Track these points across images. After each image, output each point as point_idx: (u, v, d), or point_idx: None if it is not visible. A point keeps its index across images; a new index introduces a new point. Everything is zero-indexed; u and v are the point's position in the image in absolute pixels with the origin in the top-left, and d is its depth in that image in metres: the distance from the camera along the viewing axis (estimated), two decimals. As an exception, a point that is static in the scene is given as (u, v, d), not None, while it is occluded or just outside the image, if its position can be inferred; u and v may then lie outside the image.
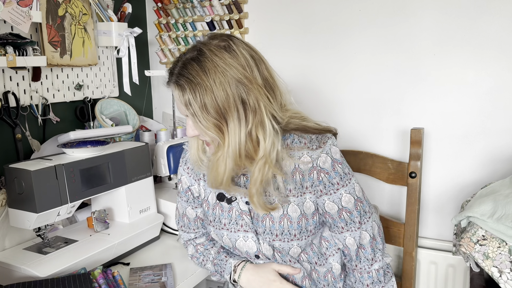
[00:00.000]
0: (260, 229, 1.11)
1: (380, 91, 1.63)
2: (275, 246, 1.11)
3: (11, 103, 1.43)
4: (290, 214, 1.08)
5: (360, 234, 1.10)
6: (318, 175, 1.05)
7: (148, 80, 2.03)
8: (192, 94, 0.94)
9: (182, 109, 0.99)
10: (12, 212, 1.26)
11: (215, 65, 0.94)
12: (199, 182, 1.20)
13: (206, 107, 0.94)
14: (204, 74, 0.93)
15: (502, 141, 1.48)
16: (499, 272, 1.07)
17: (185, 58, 0.97)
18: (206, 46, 0.96)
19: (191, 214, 1.26)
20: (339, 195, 1.06)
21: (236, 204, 1.12)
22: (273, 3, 1.75)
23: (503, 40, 1.42)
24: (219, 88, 0.93)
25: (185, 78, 0.94)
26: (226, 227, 1.14)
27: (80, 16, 1.65)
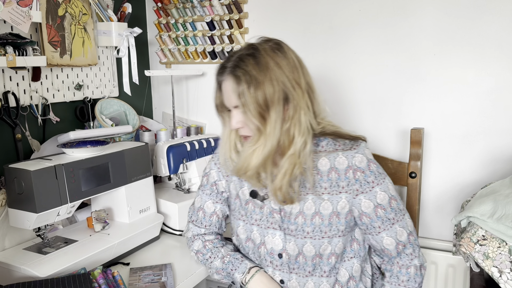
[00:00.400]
0: (292, 227, 1.13)
1: (380, 91, 1.63)
2: (305, 246, 1.12)
3: (11, 103, 1.43)
4: (322, 211, 1.11)
5: (397, 231, 1.13)
6: (354, 174, 1.11)
7: (148, 80, 2.03)
8: (247, 85, 1.02)
9: (232, 100, 1.06)
10: (12, 212, 1.26)
11: (268, 62, 1.03)
12: (228, 178, 1.24)
13: (257, 98, 1.02)
14: (259, 69, 1.03)
15: (502, 141, 1.47)
16: (499, 272, 1.07)
17: (241, 53, 1.06)
18: (261, 45, 1.07)
19: (209, 208, 1.27)
20: (374, 193, 1.11)
21: (268, 202, 1.16)
22: (273, 3, 1.75)
23: (503, 40, 1.42)
24: (269, 83, 1.02)
25: (242, 70, 1.03)
26: (257, 223, 1.18)
27: (80, 16, 1.65)
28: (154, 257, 1.42)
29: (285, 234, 1.14)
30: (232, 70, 1.05)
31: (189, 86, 2.00)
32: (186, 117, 2.03)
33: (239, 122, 1.08)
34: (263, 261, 1.19)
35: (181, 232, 1.59)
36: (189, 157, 1.71)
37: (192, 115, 2.02)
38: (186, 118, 2.03)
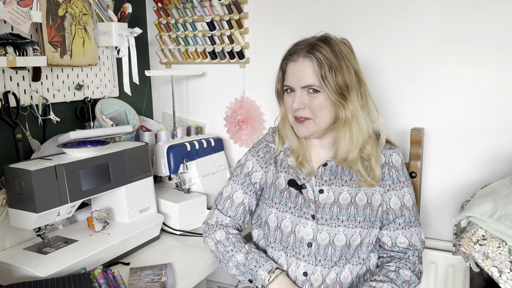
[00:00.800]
0: (327, 216, 1.17)
1: (380, 91, 1.63)
2: (337, 235, 1.16)
3: (11, 103, 1.43)
4: (358, 202, 1.18)
5: (412, 234, 1.20)
6: (389, 170, 1.21)
7: (148, 80, 2.03)
8: (328, 67, 1.10)
9: (308, 79, 1.12)
10: (12, 212, 1.26)
11: (342, 51, 1.13)
12: (266, 169, 1.28)
13: (337, 81, 1.11)
14: (335, 55, 1.11)
15: (502, 141, 1.48)
16: (499, 272, 1.07)
17: (311, 41, 1.15)
18: (330, 37, 1.16)
19: (238, 198, 1.28)
20: (403, 193, 1.21)
21: (305, 192, 1.20)
22: (273, 3, 1.75)
23: (503, 40, 1.42)
24: (346, 69, 1.12)
25: (319, 53, 1.11)
26: (290, 211, 1.20)
27: (80, 16, 1.65)
28: (154, 257, 1.42)
29: (317, 224, 1.17)
30: (309, 51, 1.12)
31: (189, 86, 2.01)
32: (186, 117, 2.04)
33: (302, 104, 1.14)
34: (290, 251, 1.20)
35: (181, 232, 1.59)
36: (189, 157, 1.71)
37: (192, 115, 2.03)
38: (186, 118, 2.03)
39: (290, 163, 1.24)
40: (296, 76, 1.14)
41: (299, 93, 1.14)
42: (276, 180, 1.25)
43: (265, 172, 1.28)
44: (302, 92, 1.14)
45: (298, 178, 1.22)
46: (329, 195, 1.19)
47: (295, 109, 1.16)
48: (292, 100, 1.16)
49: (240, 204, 1.28)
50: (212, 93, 1.96)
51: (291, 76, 1.15)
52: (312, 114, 1.15)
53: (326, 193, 1.19)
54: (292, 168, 1.23)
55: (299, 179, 1.21)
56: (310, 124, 1.16)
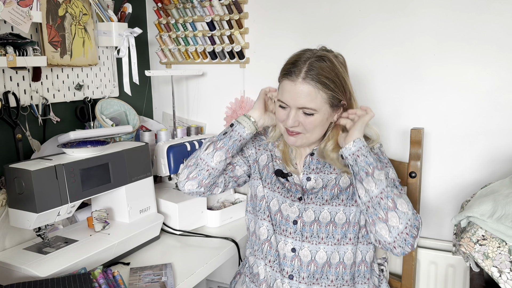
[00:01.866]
0: (312, 195, 1.23)
1: (380, 91, 1.63)
2: (322, 212, 1.21)
3: (11, 103, 1.43)
4: (341, 184, 1.23)
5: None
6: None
7: (148, 80, 2.03)
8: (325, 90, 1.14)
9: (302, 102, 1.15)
10: (12, 212, 1.26)
11: (339, 71, 1.17)
12: (259, 151, 1.35)
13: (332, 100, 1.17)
14: (332, 76, 1.15)
15: (502, 141, 1.48)
16: (499, 272, 1.07)
17: (313, 58, 1.15)
18: (328, 56, 1.17)
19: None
20: (387, 170, 1.21)
21: (291, 179, 1.27)
22: (273, 3, 1.75)
23: (503, 40, 1.42)
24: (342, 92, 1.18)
25: (319, 77, 1.13)
26: (278, 190, 1.27)
27: (80, 16, 1.65)
28: (154, 257, 1.42)
29: (303, 204, 1.23)
30: (307, 73, 1.13)
31: (189, 86, 2.01)
32: (186, 117, 2.04)
33: (296, 122, 1.17)
34: (277, 228, 1.25)
35: (181, 232, 1.59)
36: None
37: (192, 115, 2.03)
38: (186, 118, 2.03)
39: (278, 155, 1.32)
40: (294, 96, 1.15)
41: (294, 113, 1.17)
42: (269, 163, 1.32)
43: (256, 153, 1.35)
44: (297, 112, 1.17)
45: (285, 168, 1.29)
46: (317, 182, 1.24)
47: (289, 127, 1.19)
48: (286, 116, 1.18)
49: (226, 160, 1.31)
50: (212, 93, 1.96)
51: (288, 94, 1.16)
52: (305, 130, 1.19)
53: (314, 180, 1.25)
54: (279, 159, 1.31)
55: (285, 168, 1.28)
56: (301, 137, 1.21)
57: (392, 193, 1.12)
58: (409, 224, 1.11)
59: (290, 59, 1.19)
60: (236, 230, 1.62)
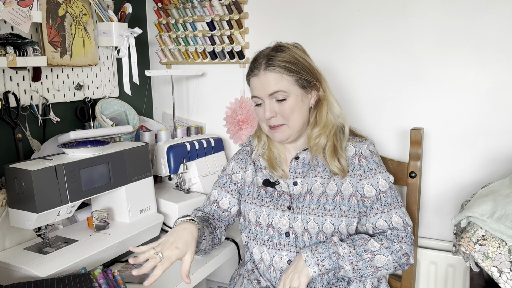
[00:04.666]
0: (300, 204, 1.22)
1: (380, 91, 1.63)
2: (309, 222, 1.20)
3: (12, 103, 1.43)
4: (328, 192, 1.22)
5: (392, 216, 1.19)
6: (359, 160, 1.23)
7: (148, 80, 2.03)
8: (286, 72, 1.18)
9: (272, 87, 1.18)
10: (12, 212, 1.26)
11: (296, 55, 1.20)
12: (245, 169, 1.35)
13: (299, 79, 1.20)
14: (291, 60, 1.19)
15: (502, 141, 1.48)
16: (499, 272, 1.07)
17: (267, 52, 1.21)
18: (283, 44, 1.23)
19: (224, 204, 1.35)
20: (377, 179, 1.21)
21: (279, 187, 1.27)
22: (273, 3, 1.76)
23: (503, 40, 1.42)
24: (304, 71, 1.20)
25: (276, 62, 1.18)
26: (267, 205, 1.27)
27: (80, 16, 1.65)
28: (154, 257, 1.42)
29: (293, 214, 1.22)
30: (267, 63, 1.18)
31: (189, 86, 2.01)
32: (186, 117, 2.04)
33: (273, 112, 1.20)
34: (271, 243, 1.25)
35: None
36: (189, 157, 1.71)
37: (192, 115, 2.03)
38: (186, 118, 2.04)
39: (263, 164, 1.32)
40: (261, 87, 1.19)
41: (268, 102, 1.20)
42: (255, 178, 1.32)
43: (244, 172, 1.35)
44: (270, 101, 1.20)
45: (271, 177, 1.28)
46: (303, 186, 1.24)
47: (267, 118, 1.21)
48: (263, 111, 1.21)
49: (225, 210, 1.35)
50: (212, 93, 1.96)
51: (256, 88, 1.21)
52: (285, 119, 1.21)
53: (300, 184, 1.24)
54: (265, 168, 1.30)
55: (272, 177, 1.28)
56: (285, 128, 1.22)
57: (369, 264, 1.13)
58: (396, 263, 1.15)
59: (251, 60, 1.24)
60: (236, 230, 1.62)
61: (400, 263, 1.15)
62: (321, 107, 1.25)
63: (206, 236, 1.23)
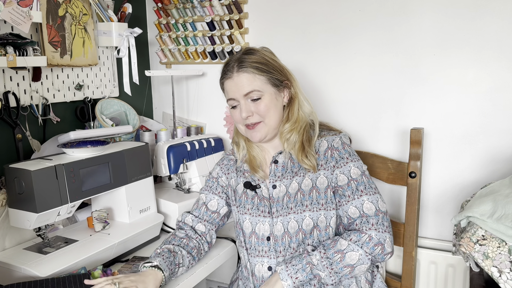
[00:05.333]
0: (279, 207, 1.23)
1: (380, 91, 1.63)
2: (289, 223, 1.21)
3: (12, 103, 1.43)
4: (304, 188, 1.23)
5: (363, 203, 1.18)
6: (331, 153, 1.24)
7: (148, 80, 2.03)
8: (257, 72, 1.21)
9: (246, 88, 1.20)
10: (12, 212, 1.26)
11: (265, 56, 1.24)
12: (228, 175, 1.37)
13: (271, 77, 1.22)
14: (261, 61, 1.22)
15: (502, 141, 1.48)
16: (499, 272, 1.07)
17: (238, 56, 1.24)
18: (253, 48, 1.27)
19: (212, 206, 1.36)
20: (349, 167, 1.22)
21: (259, 191, 1.27)
22: (273, 3, 1.75)
23: (503, 40, 1.42)
24: (274, 70, 1.23)
25: (247, 63, 1.21)
26: (249, 212, 1.28)
27: (80, 16, 1.65)
28: (154, 257, 1.42)
29: (272, 218, 1.24)
30: (239, 65, 1.21)
31: (189, 86, 2.01)
32: (186, 117, 2.04)
33: (249, 111, 1.22)
34: (253, 251, 1.27)
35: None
36: (189, 157, 1.71)
37: (192, 115, 2.03)
38: (186, 118, 2.03)
39: (246, 168, 1.32)
40: (235, 88, 1.22)
41: (244, 103, 1.22)
42: (237, 186, 1.33)
43: (227, 178, 1.37)
44: (246, 101, 1.22)
45: (253, 180, 1.29)
46: (281, 188, 1.25)
47: (244, 118, 1.23)
48: (239, 111, 1.23)
49: (214, 211, 1.36)
50: (212, 93, 1.96)
51: (231, 90, 1.23)
52: (261, 117, 1.23)
53: (279, 187, 1.25)
54: (247, 172, 1.31)
55: (253, 180, 1.29)
56: (261, 126, 1.24)
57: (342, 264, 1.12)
58: (370, 255, 1.14)
59: (223, 65, 1.27)
60: (236, 230, 1.62)
61: (375, 254, 1.14)
62: (293, 105, 1.27)
63: (181, 263, 1.24)
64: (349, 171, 1.21)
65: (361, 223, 1.17)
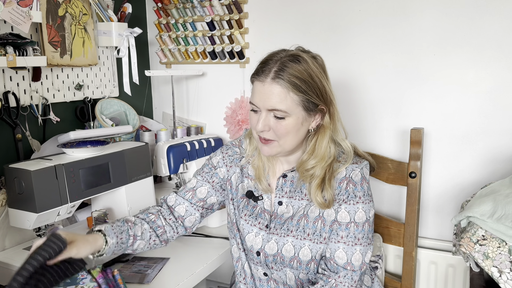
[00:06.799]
0: (278, 224, 1.16)
1: (380, 91, 1.63)
2: (285, 245, 1.14)
3: (11, 103, 1.43)
4: (309, 214, 1.14)
5: (354, 252, 1.10)
6: (347, 185, 1.13)
7: (148, 80, 2.03)
8: (297, 91, 1.05)
9: (273, 102, 1.05)
10: (12, 212, 1.26)
11: (312, 73, 1.07)
12: (230, 169, 1.26)
13: (305, 103, 1.07)
14: (304, 76, 1.05)
15: (502, 141, 1.48)
16: (499, 272, 1.07)
17: (285, 58, 1.06)
18: (301, 55, 1.08)
19: (201, 193, 1.26)
20: (356, 208, 1.12)
21: (261, 203, 1.20)
22: (273, 3, 1.75)
23: (503, 40, 1.42)
24: (314, 92, 1.07)
25: (289, 77, 1.04)
26: (245, 218, 1.21)
27: (80, 16, 1.65)
28: (154, 257, 1.42)
29: (268, 234, 1.17)
30: (277, 73, 1.05)
31: (189, 86, 2.01)
32: (186, 117, 2.04)
33: (266, 126, 1.08)
34: (249, 253, 1.22)
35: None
36: (189, 157, 1.71)
37: (192, 115, 2.03)
38: (186, 118, 2.03)
39: (251, 173, 1.23)
40: (262, 97, 1.06)
41: (265, 115, 1.07)
42: (240, 184, 1.24)
43: (228, 171, 1.26)
44: (268, 115, 1.07)
45: (256, 189, 1.21)
46: (288, 208, 1.16)
47: (258, 131, 1.09)
48: (257, 120, 1.09)
49: (201, 199, 1.26)
50: (212, 93, 1.96)
51: (257, 96, 1.08)
52: (277, 137, 1.09)
53: (285, 205, 1.17)
54: (252, 178, 1.22)
55: (256, 190, 1.21)
56: (275, 145, 1.11)
57: None
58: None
59: (262, 59, 1.11)
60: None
61: None
62: (322, 135, 1.12)
63: (138, 236, 1.16)
64: (355, 213, 1.11)
65: (344, 277, 1.10)
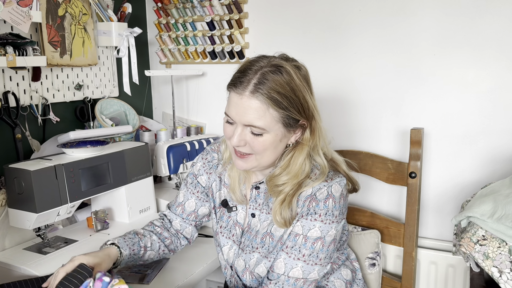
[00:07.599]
0: (247, 241, 1.13)
1: (380, 91, 1.63)
2: (251, 260, 1.10)
3: (11, 103, 1.43)
4: (273, 232, 1.09)
5: (294, 267, 1.02)
6: (310, 202, 1.04)
7: (148, 80, 2.03)
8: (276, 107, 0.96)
9: (249, 118, 0.97)
10: (12, 212, 1.26)
11: (294, 83, 0.97)
12: (210, 176, 1.22)
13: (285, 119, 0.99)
14: (284, 91, 0.96)
15: (502, 141, 1.47)
16: (499, 272, 1.07)
17: (266, 68, 0.96)
18: (284, 65, 0.98)
19: (190, 207, 1.25)
20: (312, 225, 1.03)
21: (234, 214, 1.17)
22: (273, 3, 1.75)
23: (503, 40, 1.42)
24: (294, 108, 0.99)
25: (269, 91, 0.95)
26: (220, 230, 1.19)
27: (80, 16, 1.65)
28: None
29: (239, 249, 1.14)
30: (256, 86, 0.95)
31: (189, 86, 2.00)
32: (186, 117, 2.03)
33: (242, 141, 1.00)
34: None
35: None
36: (189, 157, 1.71)
37: (192, 115, 2.03)
38: (186, 118, 2.03)
39: (227, 182, 1.18)
40: (239, 111, 0.97)
41: (240, 130, 0.99)
42: (218, 192, 1.21)
43: (209, 178, 1.22)
44: (244, 130, 0.99)
45: (231, 199, 1.17)
46: (260, 220, 1.12)
47: (233, 145, 1.01)
48: (232, 133, 1.00)
49: (192, 212, 1.26)
50: (212, 93, 1.96)
51: (234, 109, 0.98)
52: (253, 151, 1.01)
53: (258, 218, 1.12)
54: (227, 187, 1.18)
55: (231, 200, 1.16)
56: (251, 159, 1.03)
57: None
58: None
59: (241, 66, 1.00)
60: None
61: None
62: (300, 151, 1.04)
63: (148, 246, 1.18)
64: (309, 229, 1.02)
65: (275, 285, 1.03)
